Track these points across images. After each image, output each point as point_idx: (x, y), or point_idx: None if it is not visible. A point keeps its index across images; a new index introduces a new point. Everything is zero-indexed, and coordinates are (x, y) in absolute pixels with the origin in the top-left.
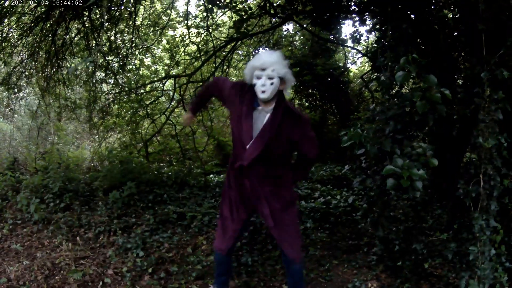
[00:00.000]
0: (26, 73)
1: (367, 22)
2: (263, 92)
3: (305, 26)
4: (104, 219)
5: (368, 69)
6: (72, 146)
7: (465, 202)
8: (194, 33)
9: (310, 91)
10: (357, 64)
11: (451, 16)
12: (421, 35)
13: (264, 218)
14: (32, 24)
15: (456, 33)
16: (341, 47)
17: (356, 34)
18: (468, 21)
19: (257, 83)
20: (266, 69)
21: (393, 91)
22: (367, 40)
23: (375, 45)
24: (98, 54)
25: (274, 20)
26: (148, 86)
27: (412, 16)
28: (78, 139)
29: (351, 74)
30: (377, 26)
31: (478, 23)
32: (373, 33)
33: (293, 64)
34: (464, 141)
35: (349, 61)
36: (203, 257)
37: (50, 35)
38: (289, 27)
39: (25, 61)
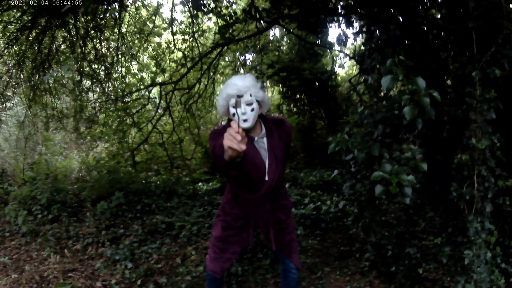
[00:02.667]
0: (13, 82)
1: (354, 24)
2: (245, 121)
3: (291, 30)
4: (92, 230)
5: (356, 73)
6: (60, 156)
7: (459, 205)
8: (180, 39)
9: (298, 96)
10: (344, 68)
11: (439, 16)
12: (409, 36)
13: (269, 240)
14: (18, 33)
15: (444, 33)
16: (328, 51)
17: (343, 37)
18: (458, 19)
19: (236, 112)
20: (243, 95)
21: (381, 93)
22: (354, 43)
23: (362, 47)
24: (83, 63)
25: (260, 24)
26: (134, 94)
27: (400, 17)
28: (66, 149)
29: (339, 78)
30: (364, 28)
31: (468, 20)
32: (360, 35)
33: (280, 69)
34: (455, 142)
35: (336, 65)
36: (193, 268)
37: (36, 44)
38: (276, 31)
39: (12, 70)
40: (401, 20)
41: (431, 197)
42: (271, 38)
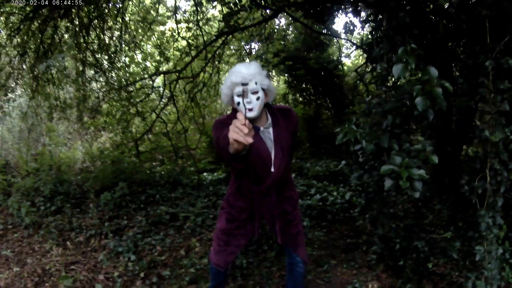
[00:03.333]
0: (16, 73)
1: (361, 13)
2: (250, 110)
3: (298, 18)
4: (95, 222)
5: (362, 62)
6: (64, 147)
7: (468, 198)
8: (184, 27)
9: (303, 85)
10: (351, 58)
11: (447, 5)
12: (419, 25)
13: (275, 232)
14: (20, 24)
15: (455, 22)
16: (335, 40)
17: (350, 25)
18: (470, 8)
19: (242, 101)
20: (248, 83)
21: (389, 83)
22: (361, 32)
23: (369, 36)
24: (86, 53)
25: (265, 12)
26: (138, 83)
27: (408, 5)
28: (70, 140)
29: (345, 67)
30: (371, 16)
31: (482, 8)
32: (368, 24)
33: (286, 58)
34: (464, 134)
35: (343, 54)
36: (197, 260)
37: (38, 34)
38: (282, 20)
39: (14, 61)
40: (409, 8)
41: (439, 189)
42: (277, 27)
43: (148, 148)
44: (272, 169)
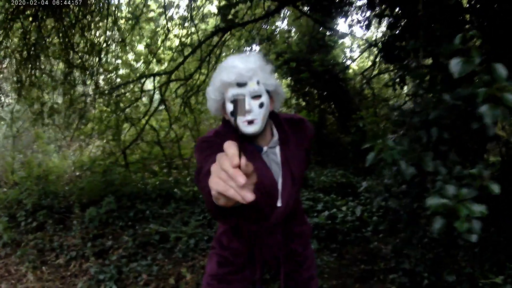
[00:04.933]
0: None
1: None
2: (251, 123)
3: (305, 12)
4: (78, 241)
5: (369, 65)
6: (53, 155)
7: None
8: (177, 24)
9: (307, 89)
10: (356, 60)
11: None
12: (467, 9)
13: (279, 279)
14: (2, 24)
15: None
16: (340, 41)
17: (364, 20)
18: None
19: (236, 110)
20: (246, 83)
21: (425, 84)
22: (366, 32)
23: (387, 30)
24: (73, 54)
25: (268, 4)
26: (126, 86)
27: None
28: (60, 147)
29: (350, 71)
30: (387, 11)
31: None
32: (384, 19)
33: (288, 60)
34: None
35: (350, 54)
36: None
37: (21, 34)
38: (285, 20)
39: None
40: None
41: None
42: (279, 27)
43: (139, 158)
44: (279, 204)
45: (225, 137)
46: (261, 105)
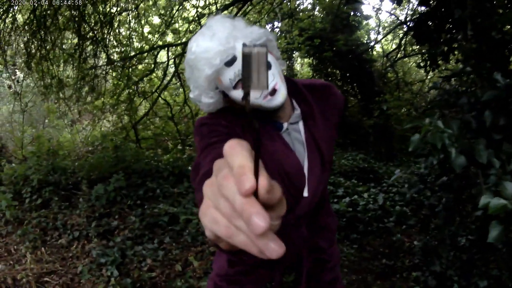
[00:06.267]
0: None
1: None
2: (274, 92)
3: None
4: (82, 220)
5: (393, 48)
6: (65, 130)
7: None
8: None
9: (329, 69)
10: (382, 42)
11: None
12: None
13: (300, 279)
14: None
15: None
16: (364, 22)
17: None
18: None
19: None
20: (235, 56)
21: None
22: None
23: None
24: (84, 25)
25: None
26: (137, 57)
27: None
28: (74, 122)
29: (374, 53)
30: None
31: None
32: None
33: (311, 37)
34: None
35: (376, 36)
36: (194, 281)
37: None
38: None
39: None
40: None
41: None
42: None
43: (151, 134)
44: (305, 193)
45: (229, 115)
46: (268, 66)
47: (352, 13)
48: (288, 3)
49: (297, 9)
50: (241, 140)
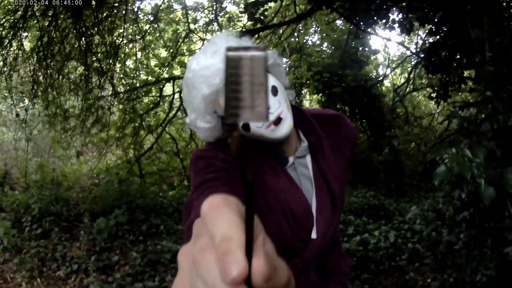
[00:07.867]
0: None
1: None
2: (279, 120)
3: (343, 14)
4: (82, 253)
5: (402, 82)
6: (70, 161)
7: None
8: (200, 26)
9: (338, 106)
10: (390, 77)
11: None
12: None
13: None
14: (22, 21)
15: None
16: (372, 57)
17: (405, 22)
18: None
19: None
20: None
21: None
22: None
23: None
24: (91, 56)
25: (301, 8)
26: (142, 89)
27: None
28: (80, 153)
29: (383, 87)
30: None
31: None
32: (427, 23)
33: (320, 73)
34: None
35: (384, 70)
36: None
37: (38, 33)
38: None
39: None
40: None
41: None
42: (311, 34)
43: (156, 169)
44: (314, 234)
45: (229, 147)
46: (274, 91)
47: (360, 48)
48: (297, 39)
49: (305, 45)
50: (227, 195)
